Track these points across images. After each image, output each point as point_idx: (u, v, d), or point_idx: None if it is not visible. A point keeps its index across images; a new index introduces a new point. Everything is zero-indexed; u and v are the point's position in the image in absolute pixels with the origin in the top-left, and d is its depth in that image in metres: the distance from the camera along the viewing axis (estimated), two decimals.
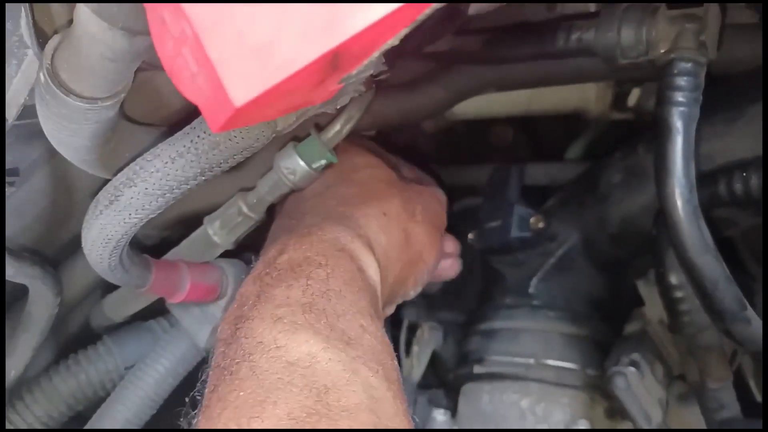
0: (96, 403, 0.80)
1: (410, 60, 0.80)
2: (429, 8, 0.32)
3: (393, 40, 0.33)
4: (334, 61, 0.31)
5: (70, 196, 0.78)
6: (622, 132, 1.00)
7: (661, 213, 0.62)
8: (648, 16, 0.62)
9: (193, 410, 0.50)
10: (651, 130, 0.65)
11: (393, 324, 0.96)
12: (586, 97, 0.99)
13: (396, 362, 0.55)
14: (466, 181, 1.14)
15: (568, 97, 1.00)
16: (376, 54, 0.34)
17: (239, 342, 0.49)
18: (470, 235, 0.90)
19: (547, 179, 0.98)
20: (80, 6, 0.42)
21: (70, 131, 0.56)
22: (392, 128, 0.92)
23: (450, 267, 0.85)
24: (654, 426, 0.71)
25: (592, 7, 0.74)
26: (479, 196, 0.98)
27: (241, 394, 0.45)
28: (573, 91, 0.98)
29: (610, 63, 0.65)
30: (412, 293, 0.75)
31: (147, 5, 0.32)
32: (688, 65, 0.60)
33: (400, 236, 0.69)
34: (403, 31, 0.32)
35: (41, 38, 0.58)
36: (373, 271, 0.62)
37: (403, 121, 0.85)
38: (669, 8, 0.62)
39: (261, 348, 0.48)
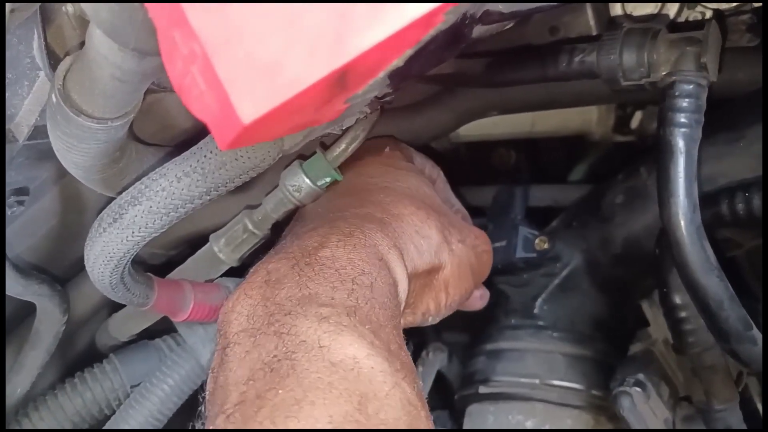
0: (102, 421, 0.80)
1: (414, 83, 0.82)
2: (434, 28, 0.33)
3: (398, 61, 0.34)
4: (341, 80, 0.31)
5: (79, 216, 0.79)
6: (624, 154, 1.01)
7: (664, 233, 0.62)
8: (649, 39, 0.63)
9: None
10: (653, 151, 0.65)
11: None
12: (588, 119, 1.00)
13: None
14: (469, 202, 1.14)
15: (571, 120, 1.01)
16: (382, 74, 0.34)
17: (280, 337, 0.48)
18: None
19: (550, 201, 0.98)
20: (93, 28, 0.43)
21: (80, 151, 0.57)
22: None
23: (480, 298, 0.84)
24: None
25: (593, 29, 0.75)
26: (483, 217, 0.99)
27: (280, 392, 0.44)
28: (576, 114, 1.00)
29: (612, 85, 0.66)
30: (429, 320, 0.72)
31: (158, 26, 0.33)
32: (690, 87, 0.60)
33: (431, 259, 0.67)
34: (408, 52, 0.33)
35: (53, 60, 0.60)
36: (402, 288, 0.60)
37: (407, 143, 0.85)
38: (670, 31, 0.63)
39: (304, 347, 0.46)
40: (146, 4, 0.33)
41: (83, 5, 0.40)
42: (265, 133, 0.34)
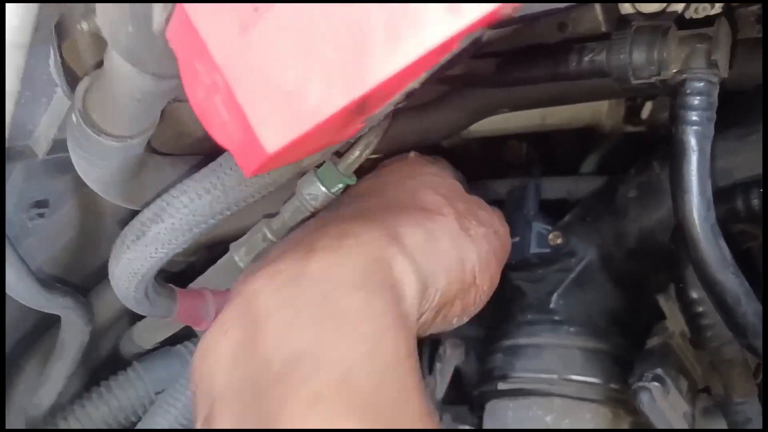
0: (128, 427, 0.82)
1: (425, 84, 0.82)
2: (450, 53, 0.34)
3: (415, 83, 0.34)
4: (360, 106, 0.32)
5: (98, 225, 0.80)
6: (636, 145, 1.01)
7: (679, 230, 0.63)
8: (659, 37, 0.63)
9: None
10: (665, 144, 0.65)
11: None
12: (598, 111, 1.00)
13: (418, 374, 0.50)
14: (481, 197, 1.15)
15: (582, 112, 1.01)
16: (398, 95, 0.35)
17: (268, 422, 0.42)
18: None
19: (563, 193, 0.98)
20: (112, 51, 0.44)
21: (100, 168, 0.58)
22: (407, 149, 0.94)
23: None
24: None
25: (602, 25, 0.75)
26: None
27: None
28: (586, 106, 0.99)
29: (623, 84, 0.66)
30: (456, 321, 0.68)
31: (179, 57, 0.34)
32: (701, 84, 0.60)
33: (449, 251, 0.63)
34: (426, 74, 0.34)
35: (69, 77, 0.61)
36: (409, 285, 0.54)
37: (418, 144, 0.86)
38: (679, 29, 0.63)
39: None
40: (167, 36, 0.34)
41: (102, 29, 0.40)
42: (287, 158, 0.35)
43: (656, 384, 0.70)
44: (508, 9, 0.33)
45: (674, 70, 0.62)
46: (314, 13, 0.30)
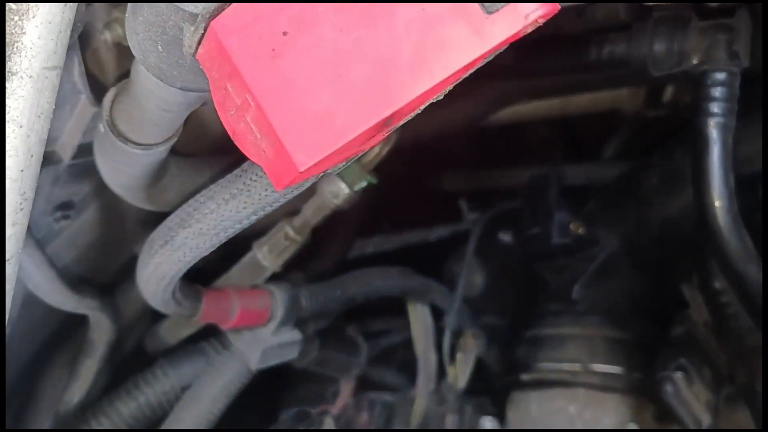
0: (155, 422, 0.83)
1: None
2: (474, 67, 0.34)
3: (438, 96, 0.35)
4: (387, 121, 0.32)
5: (121, 225, 0.81)
6: (658, 129, 1.00)
7: (701, 220, 0.62)
8: (679, 28, 0.62)
9: None
10: (687, 130, 0.65)
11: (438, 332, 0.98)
12: (619, 96, 0.99)
13: None
14: (500, 184, 1.14)
15: (601, 98, 1.00)
16: (423, 107, 0.35)
17: None
18: (501, 234, 0.91)
19: (585, 180, 0.98)
20: (139, 66, 0.45)
21: (125, 174, 0.58)
22: (427, 141, 0.94)
23: None
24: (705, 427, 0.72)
25: (621, 13, 0.74)
26: (515, 199, 0.99)
27: None
28: (606, 92, 0.99)
29: (643, 75, 0.66)
30: None
31: (210, 78, 0.34)
32: (722, 75, 0.60)
33: None
34: (449, 88, 0.34)
35: (93, 84, 0.61)
36: None
37: (438, 135, 0.86)
38: (700, 20, 0.62)
39: None
40: (197, 57, 0.34)
41: (131, 47, 0.41)
42: (316, 171, 0.36)
43: (679, 373, 0.70)
44: (530, 27, 0.33)
45: (695, 62, 0.62)
46: (343, 37, 0.31)
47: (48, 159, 0.68)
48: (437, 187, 1.22)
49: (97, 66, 0.62)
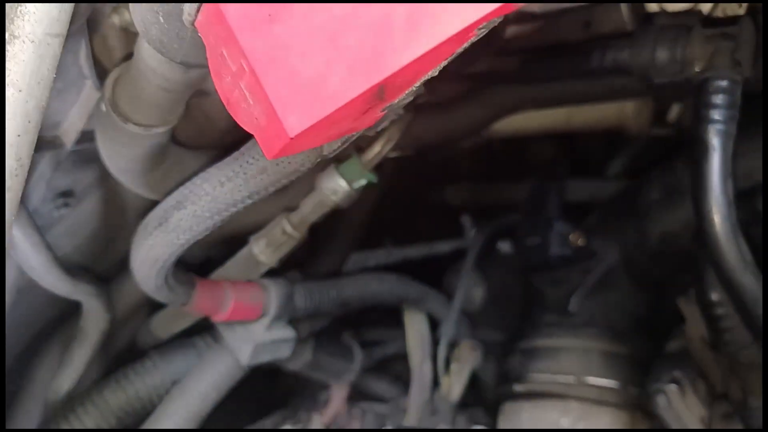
0: (143, 416, 0.82)
1: (448, 81, 0.82)
2: (468, 41, 0.34)
3: (433, 71, 0.35)
4: (379, 92, 0.33)
5: (121, 217, 0.81)
6: (663, 149, 1.00)
7: (699, 229, 0.62)
8: (682, 35, 0.63)
9: None
10: (689, 146, 0.65)
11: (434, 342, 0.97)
12: (624, 113, 1.00)
13: None
14: (503, 199, 1.15)
15: (607, 114, 1.00)
16: (417, 84, 0.35)
17: None
18: (500, 244, 0.91)
19: (587, 196, 0.98)
20: (141, 42, 0.45)
21: (125, 157, 0.59)
22: (430, 148, 0.94)
23: None
24: None
25: (627, 24, 0.75)
26: (516, 213, 0.99)
27: None
28: (612, 108, 0.99)
29: (645, 81, 0.66)
30: None
31: (207, 44, 0.34)
32: (724, 83, 0.60)
33: None
34: (443, 63, 0.34)
35: (99, 69, 0.62)
36: None
37: (441, 141, 0.86)
38: (704, 27, 0.63)
39: None
40: (197, 25, 0.35)
41: (134, 21, 0.41)
42: (308, 143, 0.36)
43: (672, 386, 0.70)
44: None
45: (697, 69, 0.62)
46: (338, 3, 0.31)
47: (51, 144, 0.69)
48: (441, 202, 1.22)
49: (105, 51, 0.63)
